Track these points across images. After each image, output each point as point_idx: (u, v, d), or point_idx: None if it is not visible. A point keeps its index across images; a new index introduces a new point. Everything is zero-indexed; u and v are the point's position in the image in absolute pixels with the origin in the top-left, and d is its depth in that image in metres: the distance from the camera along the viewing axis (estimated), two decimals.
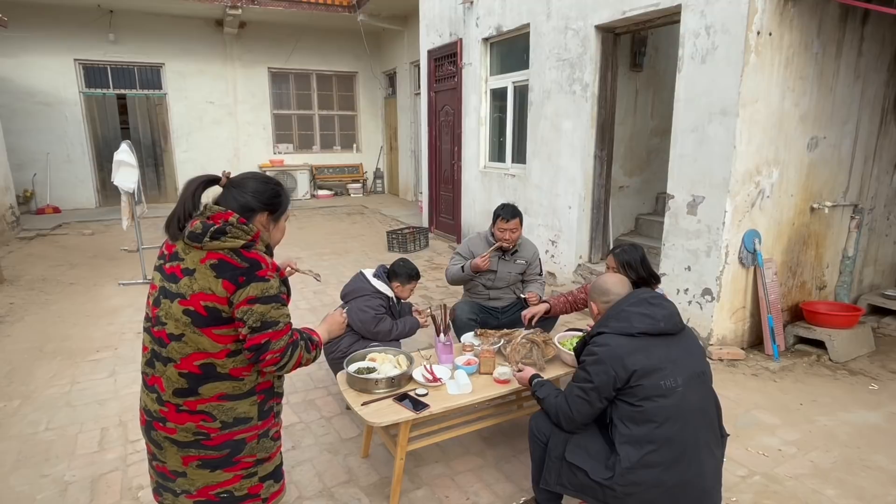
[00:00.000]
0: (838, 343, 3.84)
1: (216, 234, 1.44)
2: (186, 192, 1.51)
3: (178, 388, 1.47)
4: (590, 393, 1.89)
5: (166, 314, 1.48)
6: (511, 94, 6.25)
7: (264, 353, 1.46)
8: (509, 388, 2.51)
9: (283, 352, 1.48)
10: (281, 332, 1.48)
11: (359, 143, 13.35)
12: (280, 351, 1.48)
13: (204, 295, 1.43)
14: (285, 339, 1.49)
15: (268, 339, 1.45)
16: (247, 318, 1.43)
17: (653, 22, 4.37)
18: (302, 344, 1.55)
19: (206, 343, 1.45)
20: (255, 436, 1.55)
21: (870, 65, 4.15)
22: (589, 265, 5.17)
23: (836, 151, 4.16)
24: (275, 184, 1.63)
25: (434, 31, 7.62)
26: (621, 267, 2.90)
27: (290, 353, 1.50)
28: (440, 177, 7.94)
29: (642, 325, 1.90)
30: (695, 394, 1.87)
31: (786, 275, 4.16)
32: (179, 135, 11.32)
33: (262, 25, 11.41)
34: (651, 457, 1.79)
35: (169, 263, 1.51)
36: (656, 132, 5.56)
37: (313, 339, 1.63)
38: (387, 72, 12.64)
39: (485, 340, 2.95)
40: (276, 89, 12.26)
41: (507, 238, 3.37)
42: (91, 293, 5.48)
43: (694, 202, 3.94)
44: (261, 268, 1.46)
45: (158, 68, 11.02)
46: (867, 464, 2.72)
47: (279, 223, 1.65)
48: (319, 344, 1.65)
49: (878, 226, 4.70)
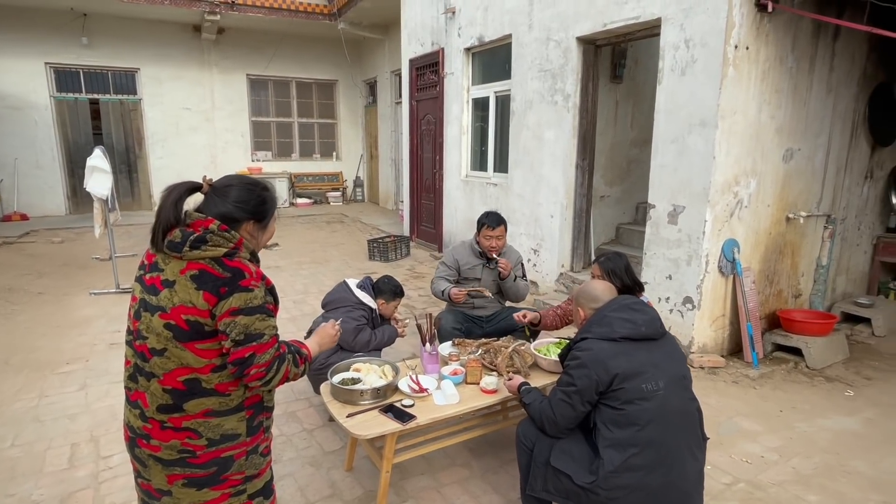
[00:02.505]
0: (815, 350, 3.91)
1: (196, 242, 1.38)
2: (167, 200, 1.42)
3: (162, 405, 1.41)
4: (572, 396, 1.90)
5: (147, 328, 1.41)
6: (493, 103, 6.28)
7: (248, 368, 1.39)
8: (497, 398, 2.48)
9: (269, 366, 1.42)
10: (266, 344, 1.41)
11: (339, 151, 13.27)
12: (265, 365, 1.41)
13: (185, 308, 1.37)
14: (271, 352, 1.42)
15: (252, 352, 1.39)
16: (230, 330, 1.37)
17: (633, 34, 4.44)
18: (289, 358, 1.48)
19: (190, 358, 1.39)
20: (243, 452, 1.49)
21: (841, 79, 4.29)
22: (571, 274, 5.20)
23: (810, 163, 4.27)
24: (261, 188, 1.54)
25: (416, 40, 7.64)
26: (606, 275, 2.92)
27: (277, 368, 1.44)
28: (422, 185, 7.92)
29: (624, 330, 1.92)
30: (676, 397, 1.89)
31: (763, 283, 4.24)
32: (154, 141, 11.10)
33: (240, 32, 11.30)
34: (634, 460, 1.79)
35: (149, 274, 1.45)
36: (636, 143, 5.64)
37: (302, 352, 1.56)
38: (367, 80, 12.62)
39: (462, 350, 2.92)
40: (255, 96, 12.13)
41: (493, 245, 3.36)
42: (61, 303, 5.29)
43: (675, 212, 3.99)
44: (244, 277, 1.40)
45: (133, 73, 10.80)
46: (847, 469, 2.76)
47: (267, 228, 1.58)
48: (308, 358, 1.59)
49: (850, 235, 4.83)
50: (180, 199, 1.43)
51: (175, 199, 1.42)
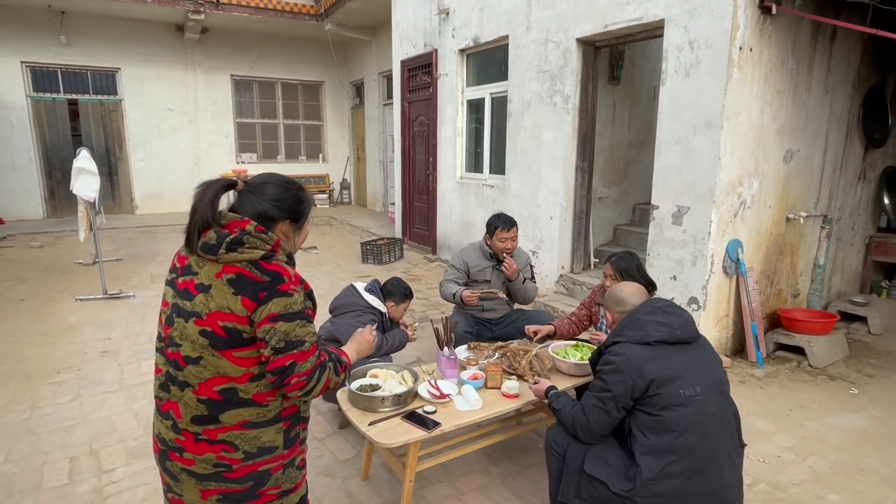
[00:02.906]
0: (817, 349, 3.95)
1: (232, 244, 1.30)
2: (203, 199, 1.33)
3: (196, 416, 1.33)
4: (607, 402, 1.85)
5: (181, 335, 1.33)
6: (489, 105, 6.25)
7: (289, 377, 1.32)
8: (519, 402, 2.43)
9: (310, 375, 1.35)
10: (307, 352, 1.34)
11: (325, 153, 13.12)
12: (307, 374, 1.34)
13: (222, 314, 1.29)
14: (312, 360, 1.35)
15: (293, 360, 1.31)
16: (269, 337, 1.29)
17: (634, 36, 4.45)
18: (330, 366, 1.41)
19: (227, 367, 1.31)
20: (280, 466, 1.41)
21: (837, 81, 4.35)
22: (571, 275, 5.18)
23: (809, 163, 4.33)
24: (297, 188, 1.47)
25: (407, 41, 7.57)
26: (619, 274, 2.90)
27: (318, 377, 1.36)
28: (414, 187, 7.85)
29: (659, 334, 1.88)
30: (714, 402, 1.85)
31: (764, 283, 4.27)
32: (136, 143, 10.83)
33: (225, 31, 11.10)
34: (672, 467, 1.76)
35: (182, 278, 1.37)
36: (633, 144, 5.66)
37: (342, 360, 1.49)
38: (354, 82, 12.51)
39: (479, 354, 2.87)
40: (240, 97, 11.92)
41: (508, 247, 3.32)
42: (46, 310, 5.09)
43: (679, 212, 4.00)
44: (283, 281, 1.33)
45: (114, 73, 10.53)
46: (862, 467, 2.77)
47: (302, 229, 1.51)
48: (348, 365, 1.51)
49: (844, 235, 4.91)
50: (216, 198, 1.35)
51: (211, 197, 1.33)
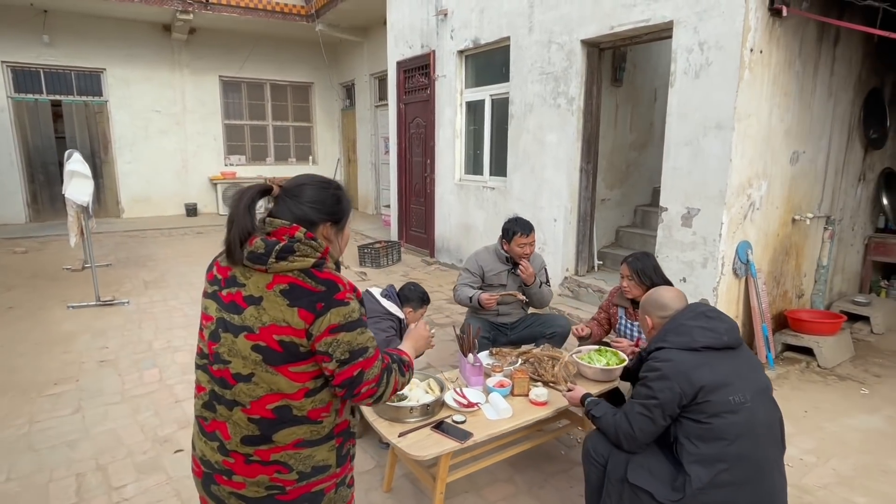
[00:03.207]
0: (826, 349, 3.97)
1: (283, 253, 1.23)
2: (239, 207, 1.26)
3: (247, 436, 1.25)
4: (653, 410, 1.81)
5: (229, 351, 1.25)
6: (489, 106, 6.21)
7: (359, 386, 1.27)
8: (549, 410, 2.38)
9: (379, 380, 1.30)
10: (372, 358, 1.29)
11: (315, 155, 12.98)
12: (375, 380, 1.29)
13: (277, 328, 1.22)
14: (378, 365, 1.30)
15: (360, 369, 1.26)
16: (332, 350, 1.23)
17: (640, 38, 4.44)
18: (395, 367, 1.37)
19: (283, 383, 1.24)
20: (333, 485, 1.34)
21: (840, 84, 4.39)
22: (576, 278, 5.16)
23: (813, 165, 4.36)
24: (335, 187, 1.39)
25: (404, 42, 7.51)
26: (635, 274, 2.89)
27: (387, 380, 1.32)
28: (411, 190, 7.78)
29: (705, 339, 1.85)
30: (763, 409, 1.82)
31: (771, 284, 4.28)
32: (122, 145, 10.58)
33: (213, 32, 10.91)
34: (723, 476, 1.72)
35: (226, 290, 1.29)
36: (634, 146, 5.66)
37: (404, 359, 1.44)
38: (344, 83, 12.39)
39: (502, 360, 2.82)
40: (228, 99, 11.73)
41: (527, 253, 3.27)
42: (36, 318, 4.91)
43: (689, 214, 3.99)
44: (339, 290, 1.26)
45: (99, 74, 10.28)
46: (884, 469, 2.78)
47: (344, 231, 1.43)
48: (410, 364, 1.47)
49: (845, 236, 4.96)
50: (252, 204, 1.28)
51: (247, 204, 1.26)
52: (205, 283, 1.38)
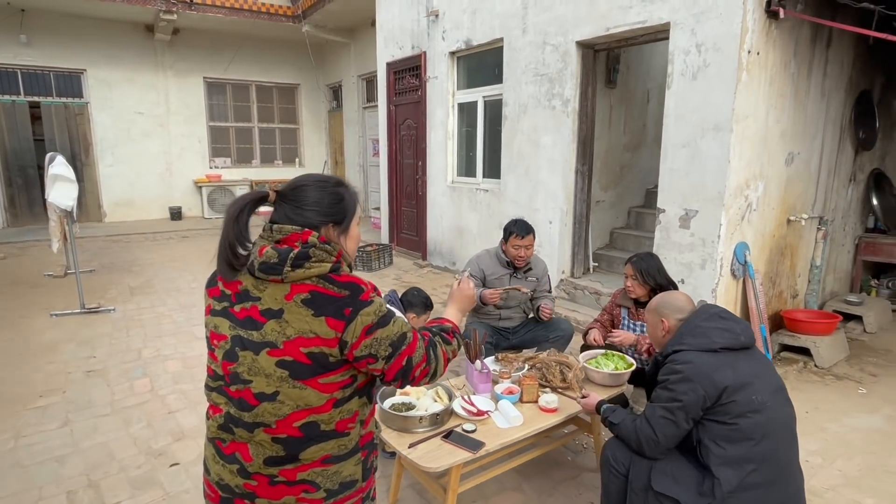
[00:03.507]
0: (823, 349, 3.99)
1: (298, 260, 1.17)
2: (227, 217, 1.19)
3: (271, 457, 1.17)
4: (676, 413, 1.78)
5: (249, 370, 1.18)
6: (481, 108, 6.17)
7: (412, 371, 1.26)
8: (559, 416, 2.34)
9: (427, 359, 1.30)
10: (414, 342, 1.28)
11: (301, 157, 12.83)
12: (424, 360, 1.29)
13: (304, 339, 1.15)
14: (421, 345, 1.29)
15: (407, 356, 1.25)
16: (375, 350, 1.20)
17: (636, 39, 4.44)
18: (437, 340, 1.35)
19: (311, 396, 1.17)
20: (359, 500, 1.28)
21: (832, 85, 4.43)
22: (572, 280, 5.13)
23: (807, 166, 4.39)
24: (334, 184, 1.30)
25: (393, 43, 7.44)
26: (640, 274, 2.89)
27: (435, 356, 1.32)
28: (402, 192, 7.71)
29: (723, 340, 1.84)
30: (781, 408, 1.83)
31: (767, 285, 4.30)
32: (104, 147, 10.34)
33: (197, 33, 10.72)
34: (752, 477, 1.70)
35: (239, 305, 1.21)
36: (628, 147, 5.67)
37: (446, 327, 1.42)
38: (331, 85, 12.27)
39: (509, 366, 2.77)
40: (213, 100, 11.54)
41: (522, 255, 3.23)
42: (18, 327, 4.75)
43: (687, 216, 3.99)
44: (362, 290, 1.21)
45: (79, 75, 10.03)
46: (888, 469, 2.78)
47: (350, 231, 1.33)
48: (456, 329, 1.44)
49: (837, 236, 5.01)
50: (242, 214, 1.20)
51: (234, 214, 1.19)
52: (207, 299, 1.30)
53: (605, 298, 4.73)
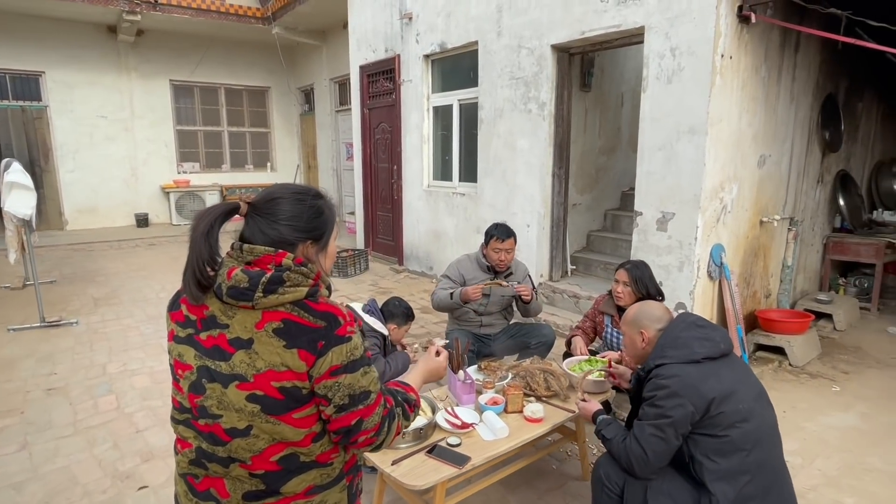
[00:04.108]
0: (797, 348, 4.06)
1: (271, 285, 1.06)
2: (196, 232, 1.08)
3: (251, 492, 1.09)
4: (666, 430, 1.73)
5: (219, 403, 1.09)
6: (457, 111, 6.13)
7: (356, 435, 1.13)
8: (545, 426, 2.29)
9: (379, 429, 1.15)
10: (373, 405, 1.14)
11: (273, 161, 12.59)
12: (375, 429, 1.14)
13: (275, 373, 1.06)
14: (379, 412, 1.15)
15: (359, 417, 1.12)
16: (332, 394, 1.08)
17: (611, 43, 4.45)
18: (398, 412, 1.22)
19: (287, 431, 1.08)
20: None
21: (800, 89, 4.53)
22: (550, 283, 5.12)
23: (778, 168, 4.47)
24: (313, 196, 1.19)
25: (367, 46, 7.34)
26: (634, 282, 2.87)
27: (388, 428, 1.17)
28: (377, 196, 7.61)
29: (704, 350, 1.80)
30: (766, 413, 1.81)
31: (741, 285, 4.36)
32: (64, 152, 9.95)
33: (163, 34, 10.42)
34: (748, 488, 1.68)
35: (205, 333, 1.11)
36: (603, 151, 5.69)
37: (410, 398, 1.28)
38: (303, 88, 12.09)
39: (492, 375, 2.72)
40: (180, 104, 11.23)
41: (502, 259, 3.18)
42: None
43: (664, 218, 4.01)
44: (339, 324, 1.10)
45: (37, 77, 9.64)
46: (866, 467, 2.82)
47: (329, 249, 1.23)
48: (417, 403, 1.31)
49: (806, 236, 5.12)
50: (212, 229, 1.09)
51: (205, 229, 1.08)
52: (170, 324, 1.18)
53: (583, 301, 4.73)
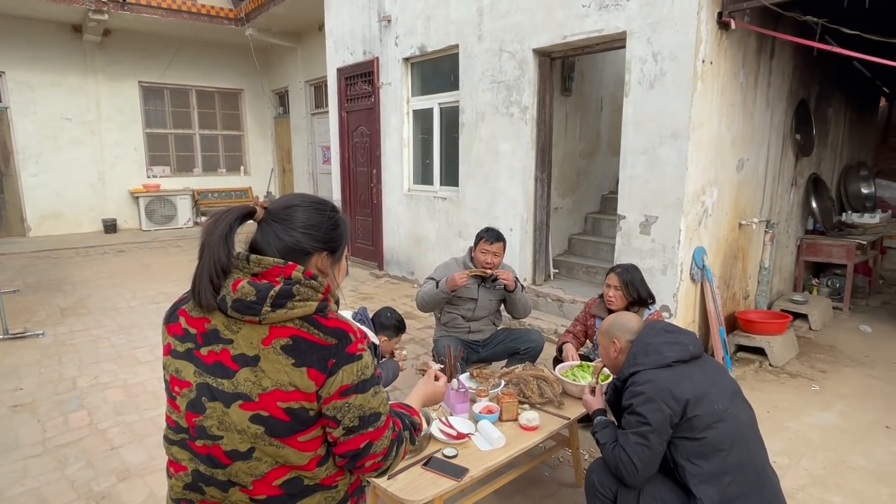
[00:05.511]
0: (777, 349, 4.13)
1: (280, 299, 1.01)
2: (212, 236, 1.02)
3: None
4: (650, 437, 1.74)
5: (219, 424, 1.02)
6: (437, 115, 6.09)
7: (363, 459, 1.07)
8: (541, 434, 2.26)
9: (387, 454, 1.10)
10: (383, 428, 1.09)
11: (247, 165, 12.35)
12: (383, 453, 1.09)
13: (282, 393, 1.00)
14: (388, 435, 1.10)
15: (368, 440, 1.06)
16: (341, 416, 1.03)
17: (592, 47, 4.47)
18: (406, 435, 1.17)
19: (291, 455, 1.02)
20: None
21: (775, 94, 4.63)
22: (534, 287, 5.11)
23: (755, 172, 4.56)
24: (331, 209, 1.17)
25: (344, 48, 7.25)
26: (624, 286, 2.88)
27: (396, 453, 1.13)
28: (356, 201, 7.51)
29: (674, 354, 1.84)
30: (742, 412, 1.83)
31: (722, 287, 4.42)
32: (27, 156, 9.56)
33: (131, 34, 10.12)
34: (731, 489, 1.69)
35: (206, 348, 1.04)
36: (584, 154, 5.73)
37: (415, 422, 1.24)
38: (277, 90, 11.91)
39: (484, 382, 2.68)
40: (149, 106, 10.91)
41: (490, 262, 3.15)
42: None
43: (647, 222, 4.04)
44: (350, 341, 1.05)
45: None
46: (849, 465, 2.87)
47: (341, 262, 1.20)
48: (421, 427, 1.27)
49: (781, 238, 5.24)
50: (230, 233, 1.04)
51: (222, 233, 1.02)
52: (167, 337, 1.11)
53: (567, 305, 4.73)
